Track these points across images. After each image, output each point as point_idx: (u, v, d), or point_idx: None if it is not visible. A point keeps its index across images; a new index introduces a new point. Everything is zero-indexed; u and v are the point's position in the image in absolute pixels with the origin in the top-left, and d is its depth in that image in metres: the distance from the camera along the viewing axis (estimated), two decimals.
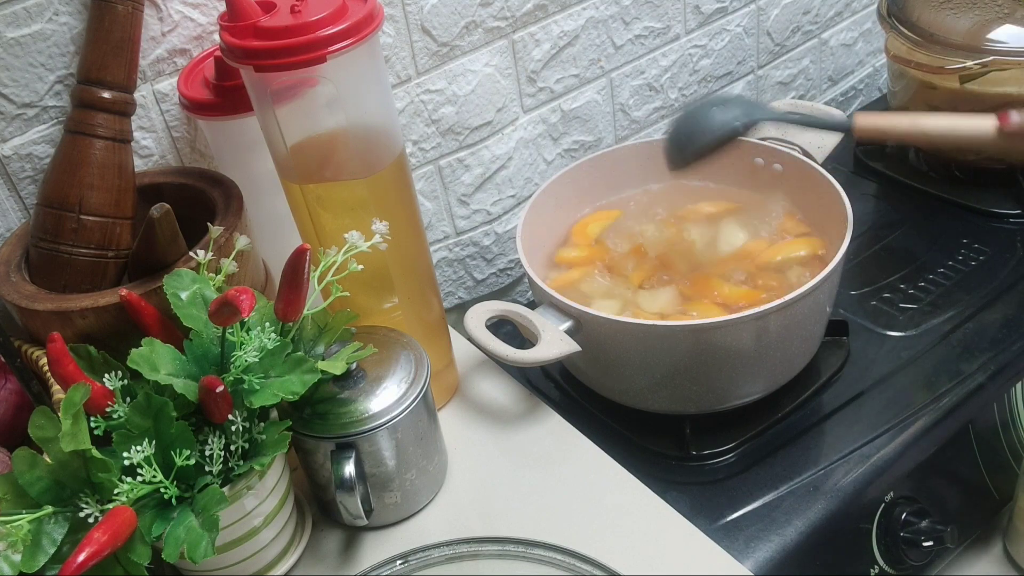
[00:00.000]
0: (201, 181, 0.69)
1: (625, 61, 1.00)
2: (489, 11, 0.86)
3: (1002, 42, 0.95)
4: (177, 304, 0.59)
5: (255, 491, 0.61)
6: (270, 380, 0.59)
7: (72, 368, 0.56)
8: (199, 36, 0.72)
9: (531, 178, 0.99)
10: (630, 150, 0.95)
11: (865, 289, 0.92)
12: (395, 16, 0.81)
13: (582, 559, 0.64)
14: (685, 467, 0.78)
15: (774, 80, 1.18)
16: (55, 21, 0.65)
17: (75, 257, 0.64)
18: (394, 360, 0.68)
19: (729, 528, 0.71)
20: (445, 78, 0.87)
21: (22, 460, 0.53)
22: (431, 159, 0.90)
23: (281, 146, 0.65)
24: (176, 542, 0.53)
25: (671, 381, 0.76)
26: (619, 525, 0.68)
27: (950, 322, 0.87)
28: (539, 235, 0.89)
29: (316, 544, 0.70)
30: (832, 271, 0.73)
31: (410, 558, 0.66)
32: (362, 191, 0.68)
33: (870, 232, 1.00)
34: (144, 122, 0.72)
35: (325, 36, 0.58)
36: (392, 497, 0.69)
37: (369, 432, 0.64)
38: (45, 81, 0.67)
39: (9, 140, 0.67)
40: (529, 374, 0.89)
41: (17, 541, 0.51)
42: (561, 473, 0.72)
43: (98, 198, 0.63)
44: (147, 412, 0.55)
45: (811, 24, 1.18)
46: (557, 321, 0.75)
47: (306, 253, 0.59)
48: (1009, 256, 0.94)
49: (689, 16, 1.03)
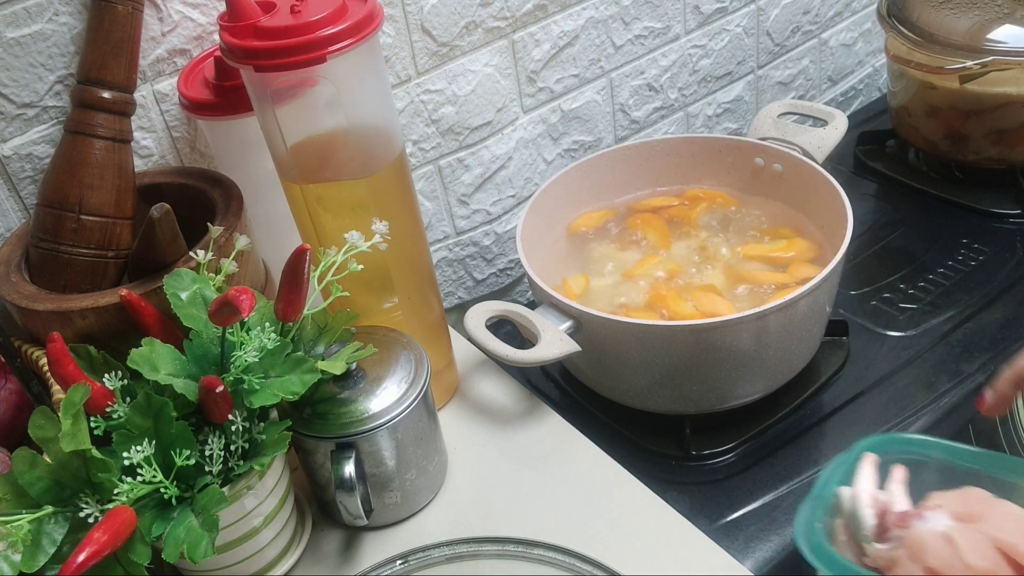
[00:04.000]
0: (201, 181, 0.69)
1: (625, 61, 1.00)
2: (489, 11, 0.86)
3: (1002, 42, 0.95)
4: (177, 304, 0.59)
5: (255, 491, 0.61)
6: (270, 380, 0.59)
7: (72, 368, 0.56)
8: (199, 36, 0.72)
9: (531, 178, 0.99)
10: (630, 150, 0.95)
11: (865, 289, 0.92)
12: (395, 16, 0.81)
13: (582, 559, 0.64)
14: (685, 467, 0.78)
15: (774, 80, 1.18)
16: (55, 21, 0.65)
17: (75, 257, 0.64)
18: (394, 360, 0.68)
19: (729, 528, 0.71)
20: (445, 78, 0.87)
21: (22, 460, 0.53)
22: (431, 159, 0.90)
23: (281, 146, 0.65)
24: (176, 542, 0.53)
25: (671, 381, 0.76)
26: (619, 525, 0.67)
27: (950, 322, 0.87)
28: (539, 235, 0.89)
29: (316, 544, 0.70)
30: (832, 271, 0.73)
31: (410, 558, 0.66)
32: (362, 191, 0.68)
33: (870, 232, 1.00)
34: (144, 122, 0.72)
35: (325, 36, 0.58)
36: (392, 497, 0.69)
37: (369, 432, 0.64)
38: (45, 81, 0.67)
39: (9, 140, 0.67)
40: (529, 374, 0.89)
41: (17, 541, 0.51)
42: (561, 473, 0.72)
43: (98, 198, 0.63)
44: (147, 412, 0.55)
45: (811, 24, 1.18)
46: (557, 321, 0.75)
47: (306, 253, 0.59)
48: (1009, 256, 0.94)
49: (689, 16, 1.03)
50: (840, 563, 0.44)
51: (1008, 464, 0.48)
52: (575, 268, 0.89)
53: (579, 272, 0.88)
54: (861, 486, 0.48)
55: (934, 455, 0.49)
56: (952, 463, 0.48)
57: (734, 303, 0.80)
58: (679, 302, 0.80)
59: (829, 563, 0.44)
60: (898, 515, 0.46)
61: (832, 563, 0.44)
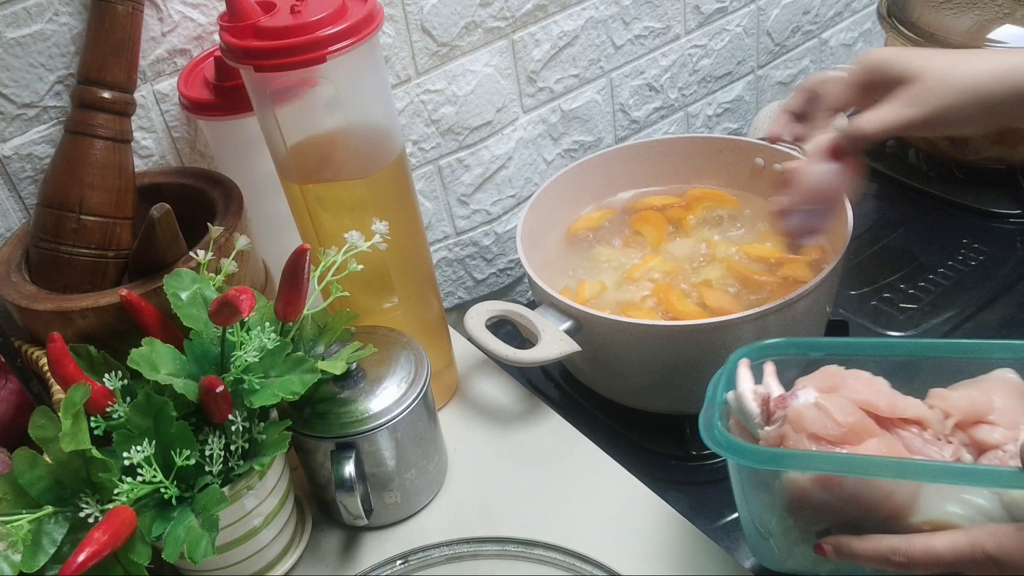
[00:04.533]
0: (201, 181, 0.69)
1: (625, 61, 1.01)
2: (489, 11, 0.86)
3: (1002, 42, 0.95)
4: (177, 304, 0.59)
5: (255, 491, 0.61)
6: (270, 380, 0.59)
7: (72, 368, 0.56)
8: (199, 36, 0.72)
9: (531, 178, 0.99)
10: (630, 150, 0.95)
11: (865, 289, 0.92)
12: (395, 16, 0.81)
13: (582, 559, 0.64)
14: (685, 467, 0.78)
15: (774, 80, 1.18)
16: (55, 21, 0.65)
17: (75, 257, 0.64)
18: (394, 360, 0.68)
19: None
20: (445, 78, 0.87)
21: (22, 460, 0.53)
22: (431, 159, 0.90)
23: (281, 146, 0.65)
24: (176, 542, 0.53)
25: (671, 381, 0.76)
26: (619, 525, 0.67)
27: (950, 322, 0.87)
28: (539, 235, 0.89)
29: (316, 544, 0.70)
30: (832, 271, 0.73)
31: (410, 558, 0.66)
32: (362, 191, 0.68)
33: (870, 232, 1.00)
34: (144, 122, 0.72)
35: (325, 36, 0.58)
36: (392, 497, 0.69)
37: (369, 432, 0.64)
38: (45, 81, 0.67)
39: (9, 140, 0.67)
40: (529, 374, 0.89)
41: (17, 541, 0.51)
42: (561, 473, 0.72)
43: (98, 198, 0.63)
44: (147, 412, 0.55)
45: (811, 24, 1.18)
46: (557, 321, 0.75)
47: (306, 253, 0.59)
48: (1009, 256, 0.94)
49: (689, 16, 1.03)
50: (740, 445, 0.54)
51: (844, 346, 0.60)
52: (575, 269, 0.89)
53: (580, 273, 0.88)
54: (743, 385, 0.57)
55: (791, 352, 0.59)
56: (806, 355, 0.59)
57: (734, 301, 0.80)
58: (680, 301, 0.80)
59: (733, 449, 0.53)
60: (776, 399, 0.55)
61: (734, 448, 0.53)
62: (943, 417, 0.54)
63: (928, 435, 0.54)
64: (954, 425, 0.54)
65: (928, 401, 0.55)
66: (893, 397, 0.55)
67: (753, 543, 0.62)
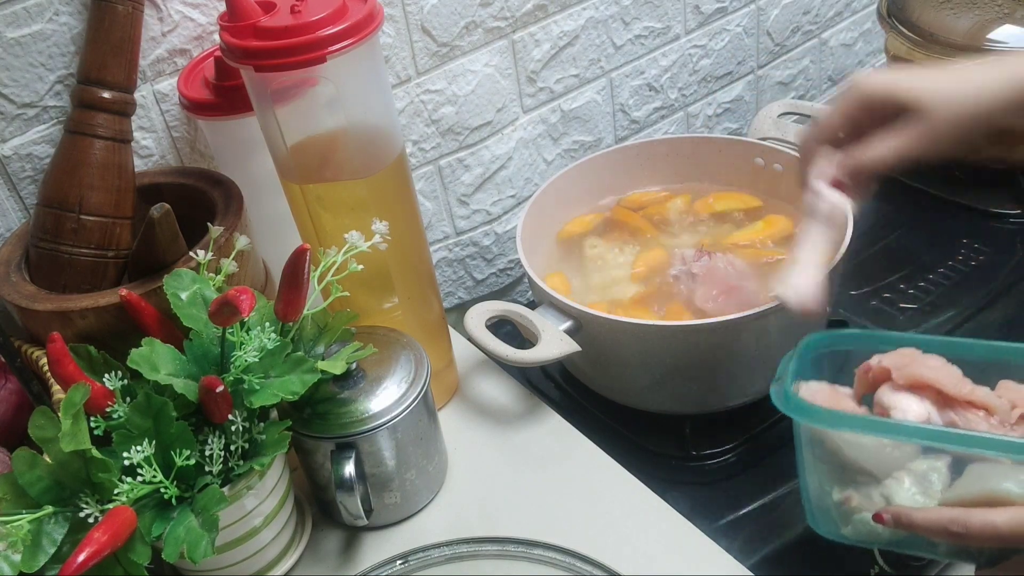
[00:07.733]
0: (201, 181, 0.69)
1: (625, 61, 1.00)
2: (489, 11, 0.86)
3: (1002, 42, 0.95)
4: (177, 304, 0.59)
5: (255, 491, 0.61)
6: (270, 380, 0.59)
7: (72, 368, 0.56)
8: (199, 36, 0.72)
9: (531, 178, 0.99)
10: (630, 150, 0.95)
11: (865, 289, 0.92)
12: (395, 16, 0.81)
13: (582, 559, 0.64)
14: (685, 467, 0.78)
15: (774, 80, 1.18)
16: (55, 21, 0.65)
17: (75, 257, 0.64)
18: (394, 360, 0.68)
19: (729, 528, 0.71)
20: (445, 78, 0.87)
21: (22, 460, 0.53)
22: (431, 159, 0.90)
23: (281, 146, 0.65)
24: (176, 542, 0.53)
25: (671, 381, 0.76)
26: (619, 525, 0.67)
27: (950, 322, 0.87)
28: (539, 235, 0.89)
29: (316, 544, 0.70)
30: (832, 271, 0.73)
31: (410, 558, 0.66)
32: (362, 191, 0.68)
33: (870, 232, 1.00)
34: (144, 122, 0.72)
35: (325, 36, 0.58)
36: (392, 497, 0.69)
37: (369, 432, 0.64)
38: (45, 81, 0.67)
39: (9, 140, 0.67)
40: (529, 374, 0.89)
41: (17, 541, 0.51)
42: (561, 473, 0.72)
43: (98, 198, 0.63)
44: (147, 412, 0.55)
45: (811, 24, 1.18)
46: (557, 321, 0.75)
47: (306, 253, 0.59)
48: (1009, 256, 0.94)
49: (689, 16, 1.03)
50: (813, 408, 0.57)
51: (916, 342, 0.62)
52: (575, 269, 0.89)
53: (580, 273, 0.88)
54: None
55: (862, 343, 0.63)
56: (876, 348, 0.62)
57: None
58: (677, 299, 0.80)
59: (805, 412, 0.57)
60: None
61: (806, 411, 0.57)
62: (1010, 407, 0.56)
63: (994, 421, 0.56)
64: (1020, 416, 0.56)
65: (997, 391, 0.58)
66: (964, 381, 0.58)
67: (812, 512, 0.63)
